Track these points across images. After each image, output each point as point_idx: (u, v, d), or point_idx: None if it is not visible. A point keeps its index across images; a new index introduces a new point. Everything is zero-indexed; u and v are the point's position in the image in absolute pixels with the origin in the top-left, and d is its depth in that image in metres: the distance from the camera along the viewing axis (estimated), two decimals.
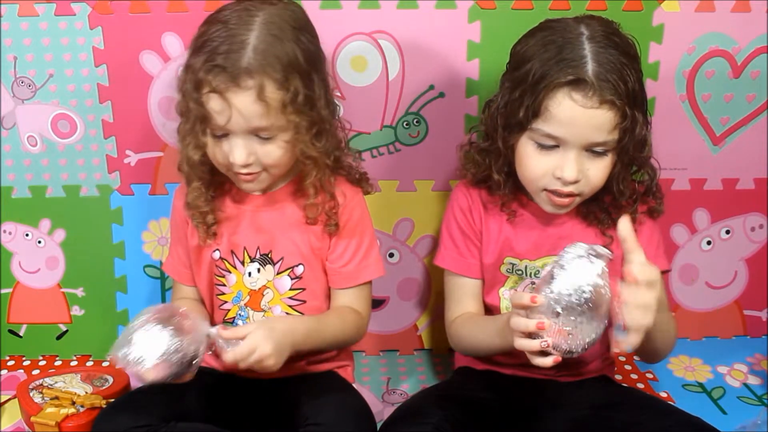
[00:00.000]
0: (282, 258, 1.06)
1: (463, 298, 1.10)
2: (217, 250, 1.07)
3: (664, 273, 1.08)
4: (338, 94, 1.24)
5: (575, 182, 0.94)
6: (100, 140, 1.27)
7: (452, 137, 1.26)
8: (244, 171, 0.97)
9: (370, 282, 1.10)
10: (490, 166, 1.03)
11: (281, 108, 0.92)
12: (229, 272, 1.08)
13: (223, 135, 0.95)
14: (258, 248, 1.06)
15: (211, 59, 0.90)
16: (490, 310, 1.11)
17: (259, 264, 1.07)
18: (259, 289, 1.08)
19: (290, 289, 1.07)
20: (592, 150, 0.93)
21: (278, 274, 1.07)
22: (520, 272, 1.07)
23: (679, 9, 1.22)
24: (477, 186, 1.08)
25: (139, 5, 1.19)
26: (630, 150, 0.94)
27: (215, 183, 1.05)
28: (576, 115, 0.90)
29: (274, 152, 0.96)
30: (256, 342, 0.90)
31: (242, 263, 1.07)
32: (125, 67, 1.22)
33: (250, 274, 1.07)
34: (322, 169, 1.00)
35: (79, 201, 1.31)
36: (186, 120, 0.96)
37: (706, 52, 1.25)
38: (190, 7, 1.19)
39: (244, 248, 1.07)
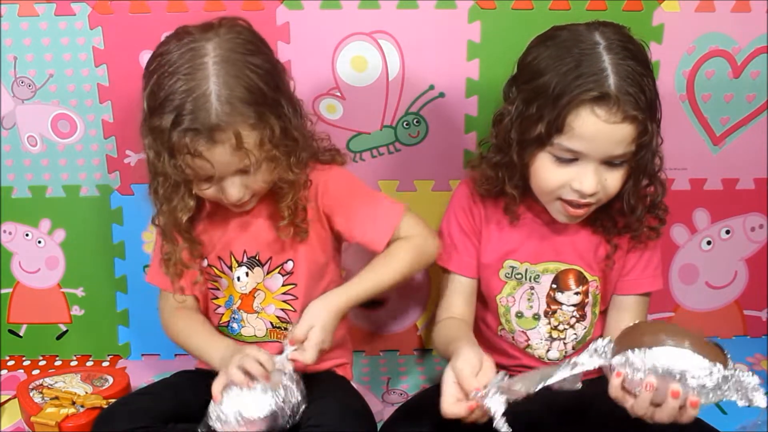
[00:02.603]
0: (270, 258, 1.06)
1: (453, 296, 1.09)
2: (205, 258, 1.07)
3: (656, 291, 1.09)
4: (338, 94, 1.24)
5: (593, 194, 0.94)
6: (100, 140, 1.27)
7: (452, 137, 1.27)
8: (238, 204, 0.97)
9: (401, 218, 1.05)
10: (503, 180, 1.01)
11: (259, 146, 0.91)
12: (220, 278, 1.08)
13: (209, 178, 0.94)
14: (245, 252, 1.06)
15: (179, 122, 0.88)
16: (486, 309, 1.11)
17: (247, 267, 1.07)
18: (250, 291, 1.08)
19: (282, 285, 1.08)
20: (609, 162, 0.93)
21: (268, 273, 1.07)
22: (519, 276, 1.06)
23: (679, 9, 1.22)
24: (488, 198, 1.07)
25: (139, 5, 1.19)
26: (645, 162, 0.94)
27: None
28: (599, 131, 0.89)
29: (262, 180, 0.96)
30: (313, 316, 0.96)
31: (230, 268, 1.07)
32: (125, 67, 1.22)
33: (239, 278, 1.07)
34: (298, 190, 0.99)
35: (79, 201, 1.31)
36: (165, 181, 0.94)
37: (706, 52, 1.25)
38: (190, 7, 1.19)
39: (231, 253, 1.07)
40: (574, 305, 1.06)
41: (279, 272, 1.07)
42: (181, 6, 1.19)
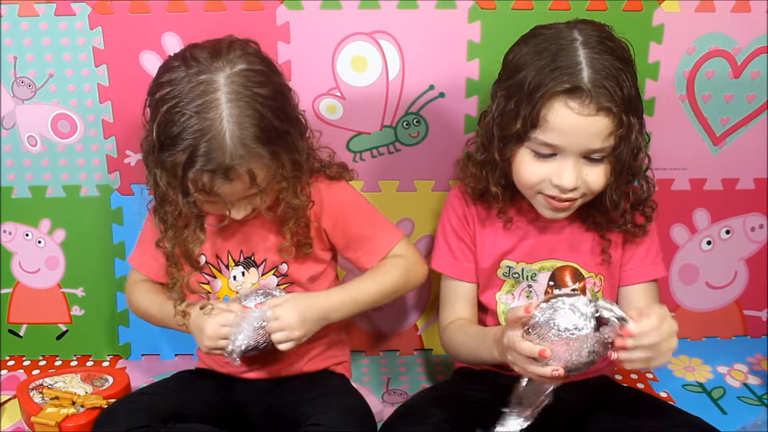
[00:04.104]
0: (265, 259, 1.06)
1: (457, 302, 1.10)
2: (203, 254, 1.07)
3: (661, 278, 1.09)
4: (338, 94, 1.24)
5: (573, 189, 0.94)
6: (100, 140, 1.27)
7: (452, 137, 1.26)
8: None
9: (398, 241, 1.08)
10: (487, 178, 1.02)
11: (270, 179, 0.93)
12: (215, 278, 1.08)
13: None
14: (241, 251, 1.06)
15: (192, 162, 0.88)
16: (486, 313, 1.11)
17: (243, 267, 1.07)
18: None
19: (278, 285, 1.08)
20: (589, 157, 0.93)
21: (263, 275, 1.07)
22: (516, 275, 1.07)
23: (679, 9, 1.22)
24: (477, 198, 1.07)
25: (139, 5, 1.19)
26: (625, 157, 0.94)
27: None
28: (573, 123, 0.90)
29: (268, 200, 0.97)
30: (281, 315, 0.96)
31: (227, 267, 1.07)
32: (125, 67, 1.22)
33: (234, 277, 1.07)
34: (302, 214, 1.00)
35: (79, 201, 1.31)
36: (174, 211, 0.95)
37: (706, 52, 1.25)
38: (190, 7, 1.19)
39: (228, 252, 1.07)
40: None
41: (274, 274, 1.07)
42: (181, 6, 1.19)
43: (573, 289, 1.06)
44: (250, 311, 0.97)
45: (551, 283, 1.06)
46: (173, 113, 0.88)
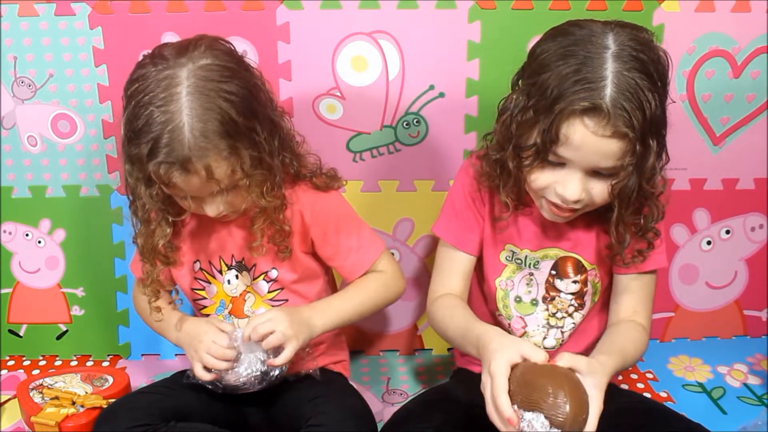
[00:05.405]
0: (255, 264, 1.06)
1: (452, 273, 1.08)
2: (198, 260, 1.08)
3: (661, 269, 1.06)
4: (338, 94, 1.24)
5: (576, 201, 0.92)
6: (100, 140, 1.27)
7: (452, 137, 1.27)
8: (218, 217, 0.99)
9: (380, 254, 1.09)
10: (499, 182, 1.00)
11: (230, 175, 0.93)
12: (210, 283, 1.08)
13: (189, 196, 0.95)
14: (233, 256, 1.07)
15: (154, 154, 0.89)
16: (486, 296, 1.10)
17: (236, 270, 1.07)
18: (241, 294, 1.08)
19: (269, 291, 1.08)
20: (597, 172, 0.91)
21: (254, 279, 1.07)
22: (519, 261, 1.06)
23: (679, 9, 1.22)
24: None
25: (139, 5, 1.19)
26: (634, 181, 0.91)
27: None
28: (586, 141, 0.87)
29: (239, 200, 0.97)
30: (271, 315, 0.96)
31: (220, 272, 1.07)
32: (125, 67, 1.20)
33: (229, 281, 1.07)
34: (271, 215, 1.00)
35: (79, 201, 1.31)
36: (144, 205, 0.96)
37: (706, 52, 1.25)
38: (190, 7, 1.19)
39: (220, 257, 1.07)
40: (572, 293, 1.05)
41: (264, 279, 1.07)
42: (181, 6, 1.19)
43: (574, 281, 1.05)
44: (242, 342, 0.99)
45: (553, 272, 1.05)
46: (139, 107, 0.90)
